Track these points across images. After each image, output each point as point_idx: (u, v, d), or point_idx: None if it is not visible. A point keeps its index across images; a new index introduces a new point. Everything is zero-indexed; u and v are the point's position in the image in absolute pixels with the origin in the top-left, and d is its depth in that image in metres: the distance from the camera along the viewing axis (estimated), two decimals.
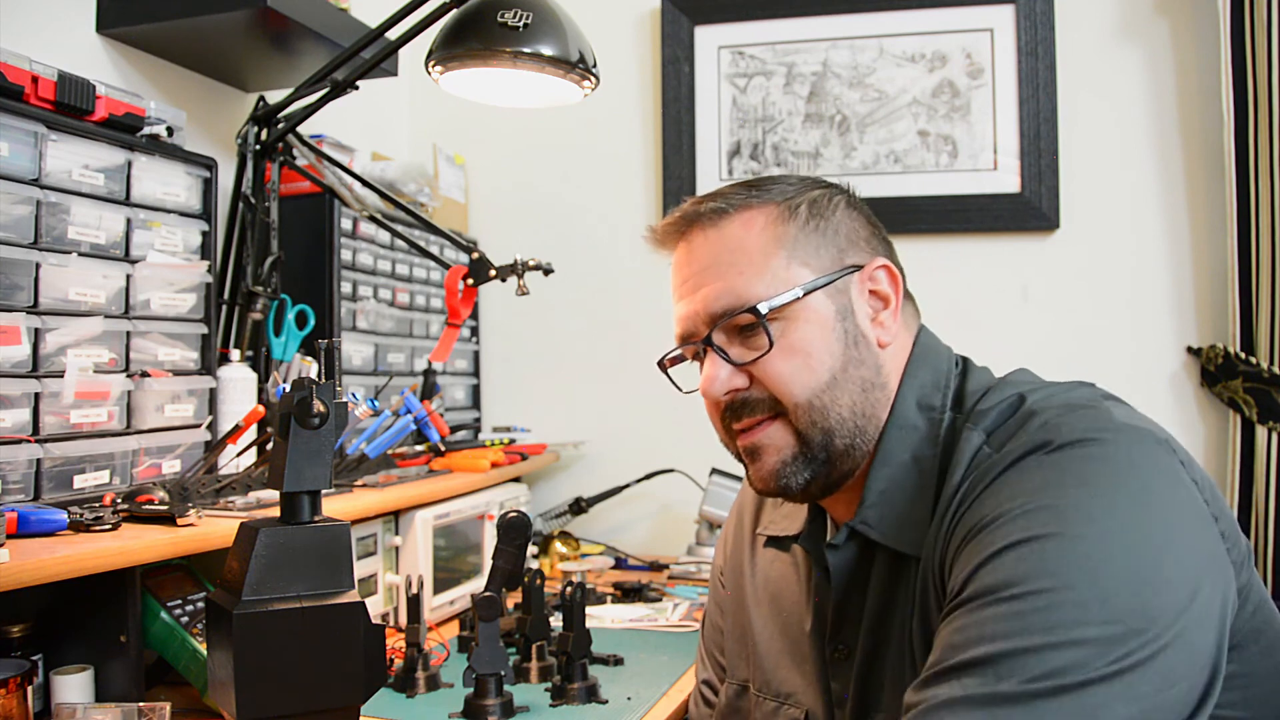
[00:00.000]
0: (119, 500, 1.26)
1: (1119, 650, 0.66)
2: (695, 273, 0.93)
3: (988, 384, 0.92)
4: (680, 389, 1.00)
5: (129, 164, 1.37)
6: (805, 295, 0.89)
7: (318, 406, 0.91)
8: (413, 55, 1.64)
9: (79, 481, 1.27)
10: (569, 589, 1.36)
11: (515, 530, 1.26)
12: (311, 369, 1.64)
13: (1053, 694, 0.64)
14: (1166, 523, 0.73)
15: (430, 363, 1.97)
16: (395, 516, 1.66)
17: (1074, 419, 0.79)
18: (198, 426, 1.47)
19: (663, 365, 1.00)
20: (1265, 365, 1.91)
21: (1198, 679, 0.69)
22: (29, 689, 1.06)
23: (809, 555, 0.98)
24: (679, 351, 0.97)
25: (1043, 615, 0.67)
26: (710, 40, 2.31)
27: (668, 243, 0.98)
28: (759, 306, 0.88)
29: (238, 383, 1.56)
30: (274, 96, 1.69)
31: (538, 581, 1.45)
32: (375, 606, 1.59)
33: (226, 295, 1.63)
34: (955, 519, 0.80)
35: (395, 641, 1.44)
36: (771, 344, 0.87)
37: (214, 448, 1.42)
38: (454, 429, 2.05)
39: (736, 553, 1.12)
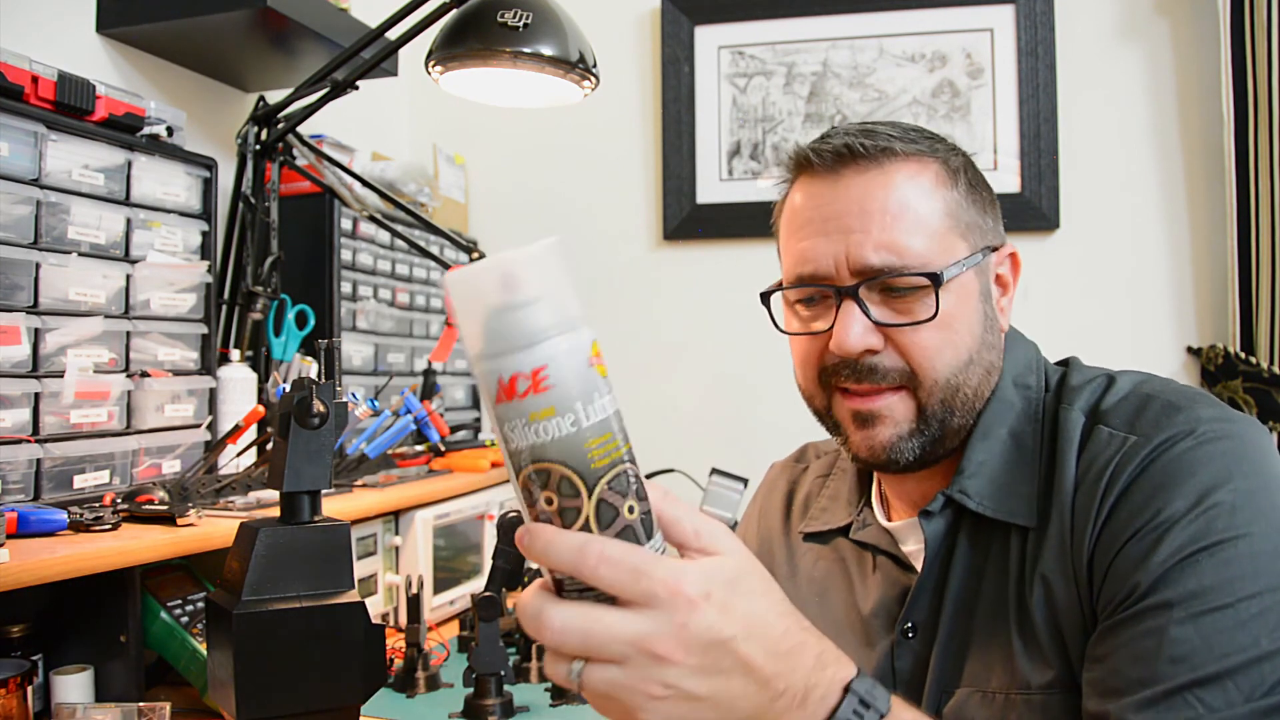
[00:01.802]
0: (119, 500, 1.26)
1: None
2: (847, 212, 0.85)
3: (1058, 371, 0.93)
4: (779, 326, 0.92)
5: (129, 164, 1.37)
6: (964, 270, 0.86)
7: (318, 406, 0.91)
8: (413, 55, 1.64)
9: (79, 481, 1.27)
10: None
11: (515, 530, 1.26)
12: (311, 369, 1.64)
13: None
14: None
15: (430, 363, 1.97)
16: (395, 516, 1.66)
17: (1203, 409, 0.80)
18: (198, 426, 1.47)
19: (765, 297, 0.93)
20: (1265, 365, 1.91)
21: None
22: (29, 689, 1.06)
23: (857, 544, 0.97)
24: (805, 290, 0.88)
25: (1262, 620, 0.70)
26: (710, 40, 2.31)
27: (814, 169, 0.88)
28: (941, 273, 0.83)
29: (238, 383, 1.56)
30: (274, 96, 1.69)
31: None
32: (375, 606, 1.59)
33: (226, 295, 1.63)
34: (1106, 502, 0.79)
35: (395, 641, 1.44)
36: (937, 313, 0.83)
37: (214, 448, 1.42)
38: (454, 429, 2.05)
39: (764, 557, 1.08)
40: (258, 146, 1.65)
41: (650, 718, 0.55)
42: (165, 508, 1.23)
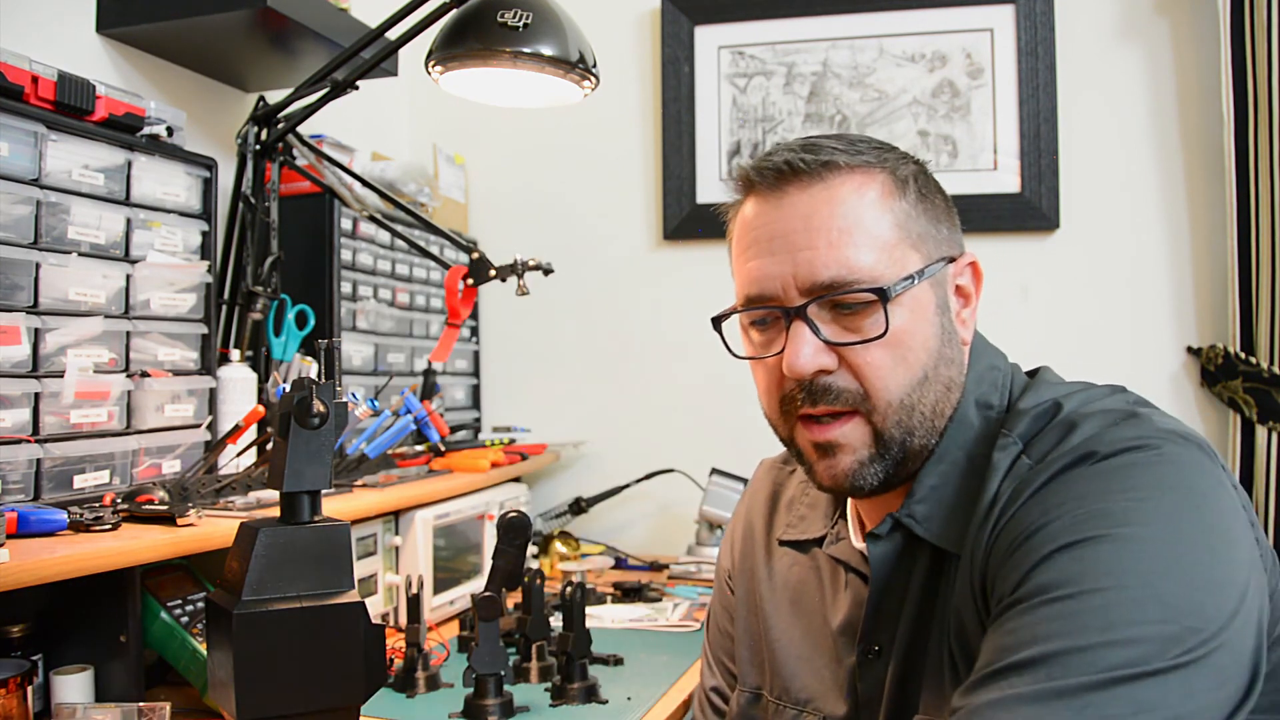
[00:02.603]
0: (119, 500, 1.26)
1: (1177, 648, 0.65)
2: (792, 230, 0.83)
3: (1023, 384, 0.90)
4: (733, 352, 0.90)
5: (129, 164, 1.37)
6: (918, 283, 0.83)
7: (318, 406, 0.91)
8: (413, 55, 1.64)
9: (79, 481, 1.27)
10: (569, 589, 1.36)
11: (515, 530, 1.26)
12: (311, 369, 1.64)
13: (1105, 686, 0.63)
14: (1214, 525, 0.72)
15: (430, 363, 1.97)
16: (395, 516, 1.66)
17: (1118, 431, 0.77)
18: (198, 426, 1.47)
19: (717, 323, 0.90)
20: (1265, 365, 1.91)
21: (1242, 679, 0.68)
22: (29, 689, 1.06)
23: (831, 559, 0.96)
24: (755, 313, 0.86)
25: (1098, 614, 0.66)
26: (710, 40, 2.31)
27: (758, 188, 0.86)
28: (888, 288, 0.80)
29: (238, 383, 1.56)
30: (274, 96, 1.69)
31: (538, 581, 1.45)
32: (375, 606, 1.59)
33: (226, 295, 1.63)
34: (997, 527, 0.77)
35: (395, 641, 1.44)
36: (887, 329, 0.80)
37: (214, 448, 1.42)
38: (454, 429, 2.05)
39: (747, 557, 1.08)
40: (258, 146, 1.65)
41: None
42: (165, 508, 1.23)
